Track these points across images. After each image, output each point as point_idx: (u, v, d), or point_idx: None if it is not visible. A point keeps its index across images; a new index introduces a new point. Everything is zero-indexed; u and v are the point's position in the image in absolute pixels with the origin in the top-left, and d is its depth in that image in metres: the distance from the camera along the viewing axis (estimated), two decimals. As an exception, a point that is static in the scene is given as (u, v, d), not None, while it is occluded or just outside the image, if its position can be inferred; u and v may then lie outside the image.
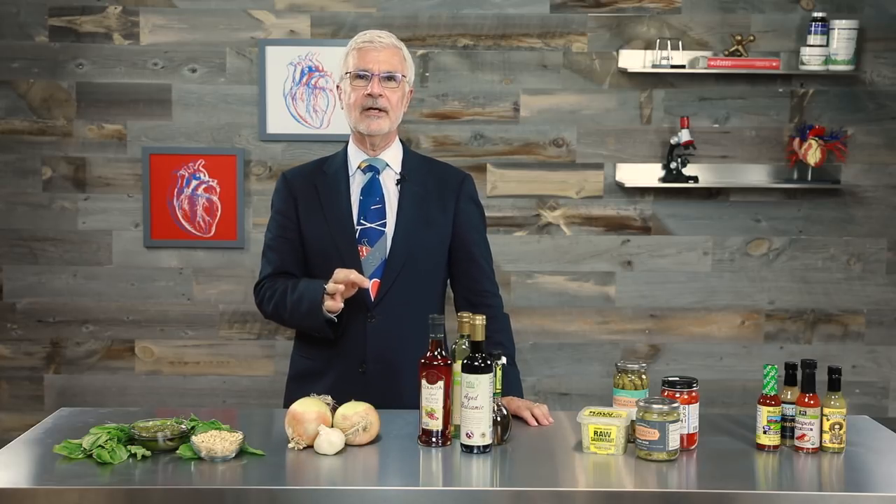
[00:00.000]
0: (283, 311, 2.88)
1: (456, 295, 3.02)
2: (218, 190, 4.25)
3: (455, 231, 2.96)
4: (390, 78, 2.85)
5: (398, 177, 2.94)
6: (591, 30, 4.24)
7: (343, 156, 2.98)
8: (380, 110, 2.85)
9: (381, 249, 2.89)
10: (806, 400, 2.46)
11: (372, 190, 2.92)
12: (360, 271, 2.85)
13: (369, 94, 2.84)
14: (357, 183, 2.94)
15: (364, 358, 2.88)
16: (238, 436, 2.38)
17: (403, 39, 3.40)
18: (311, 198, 2.93)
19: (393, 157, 2.96)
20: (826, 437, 2.46)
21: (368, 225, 2.89)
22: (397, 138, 2.99)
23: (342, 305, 2.77)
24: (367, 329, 2.88)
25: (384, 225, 2.90)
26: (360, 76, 2.85)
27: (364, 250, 2.88)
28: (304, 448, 2.43)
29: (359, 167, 2.94)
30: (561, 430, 2.63)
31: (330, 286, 2.75)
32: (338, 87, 2.96)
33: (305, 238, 2.93)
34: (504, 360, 2.53)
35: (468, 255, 2.98)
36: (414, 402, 2.55)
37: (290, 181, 2.99)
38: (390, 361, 2.88)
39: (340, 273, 2.74)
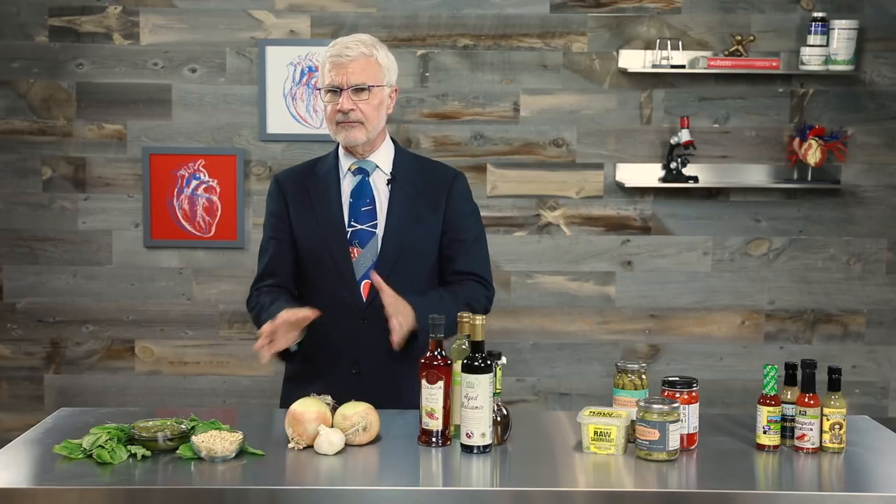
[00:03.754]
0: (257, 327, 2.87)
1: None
2: (218, 190, 4.25)
3: (445, 228, 2.93)
4: (361, 90, 2.83)
5: (388, 177, 2.94)
6: (591, 30, 4.24)
7: (334, 157, 2.97)
8: (353, 122, 2.83)
9: (371, 250, 2.88)
10: (806, 400, 2.46)
11: (362, 192, 2.92)
12: (352, 273, 2.85)
13: (339, 110, 2.82)
14: (347, 185, 2.93)
15: (357, 359, 2.87)
16: (238, 436, 2.38)
17: (403, 39, 3.40)
18: (303, 200, 2.93)
19: (383, 158, 2.95)
20: (826, 437, 2.46)
21: (359, 226, 2.89)
22: (387, 139, 2.97)
23: (274, 348, 2.70)
24: (359, 330, 2.87)
25: (375, 226, 2.89)
26: (331, 91, 2.84)
27: (355, 252, 2.88)
28: (304, 448, 2.42)
29: (349, 169, 2.94)
30: (561, 430, 2.63)
31: (263, 327, 2.70)
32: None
33: (298, 240, 2.93)
34: (504, 360, 2.53)
35: (454, 241, 2.94)
36: (411, 403, 2.55)
37: (282, 183, 2.99)
38: (384, 362, 2.85)
39: (281, 316, 2.69)
